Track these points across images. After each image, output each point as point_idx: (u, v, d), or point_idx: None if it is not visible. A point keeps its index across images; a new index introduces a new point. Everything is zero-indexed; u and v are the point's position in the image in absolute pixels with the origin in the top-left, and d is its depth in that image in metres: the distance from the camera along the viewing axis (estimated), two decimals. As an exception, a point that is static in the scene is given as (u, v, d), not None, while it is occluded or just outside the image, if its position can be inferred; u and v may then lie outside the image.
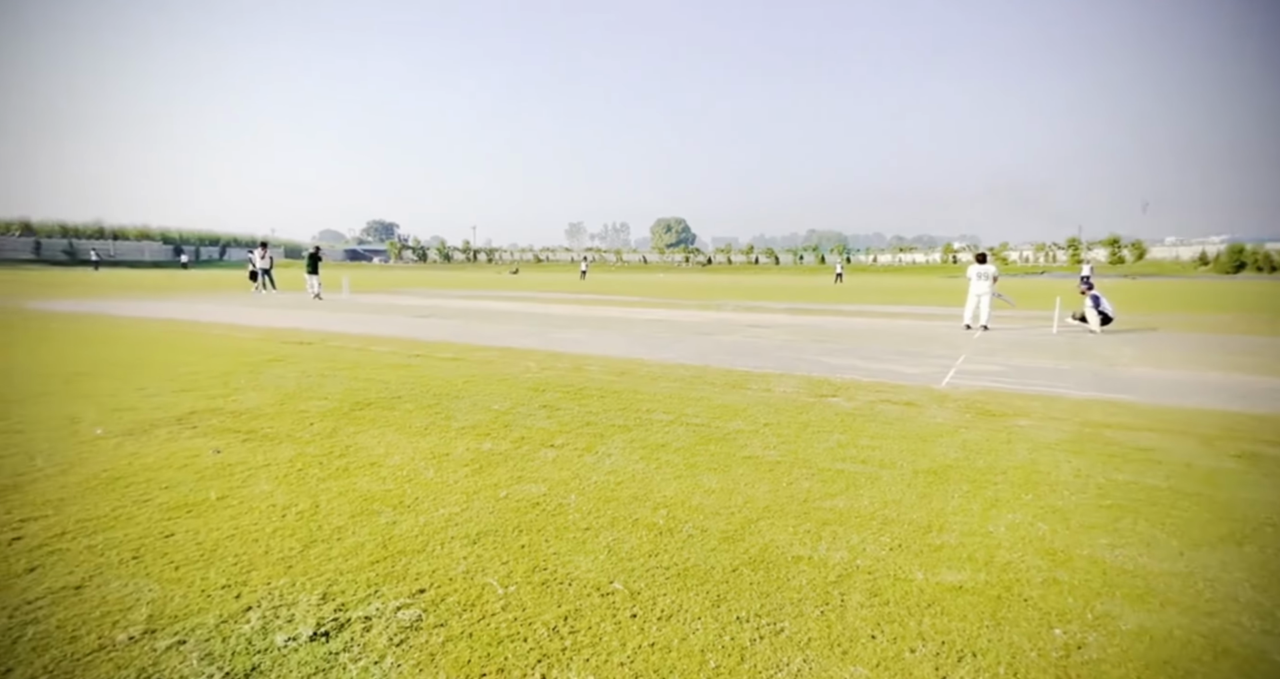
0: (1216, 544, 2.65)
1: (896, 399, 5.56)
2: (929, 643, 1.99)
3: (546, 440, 4.18)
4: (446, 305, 17.13)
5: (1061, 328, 11.65)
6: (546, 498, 3.17)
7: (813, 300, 20.91)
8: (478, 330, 10.93)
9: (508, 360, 7.56)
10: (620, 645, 1.96)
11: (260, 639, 1.94)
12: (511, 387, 5.93)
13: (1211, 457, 3.88)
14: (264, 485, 3.25)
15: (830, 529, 2.85)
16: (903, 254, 79.64)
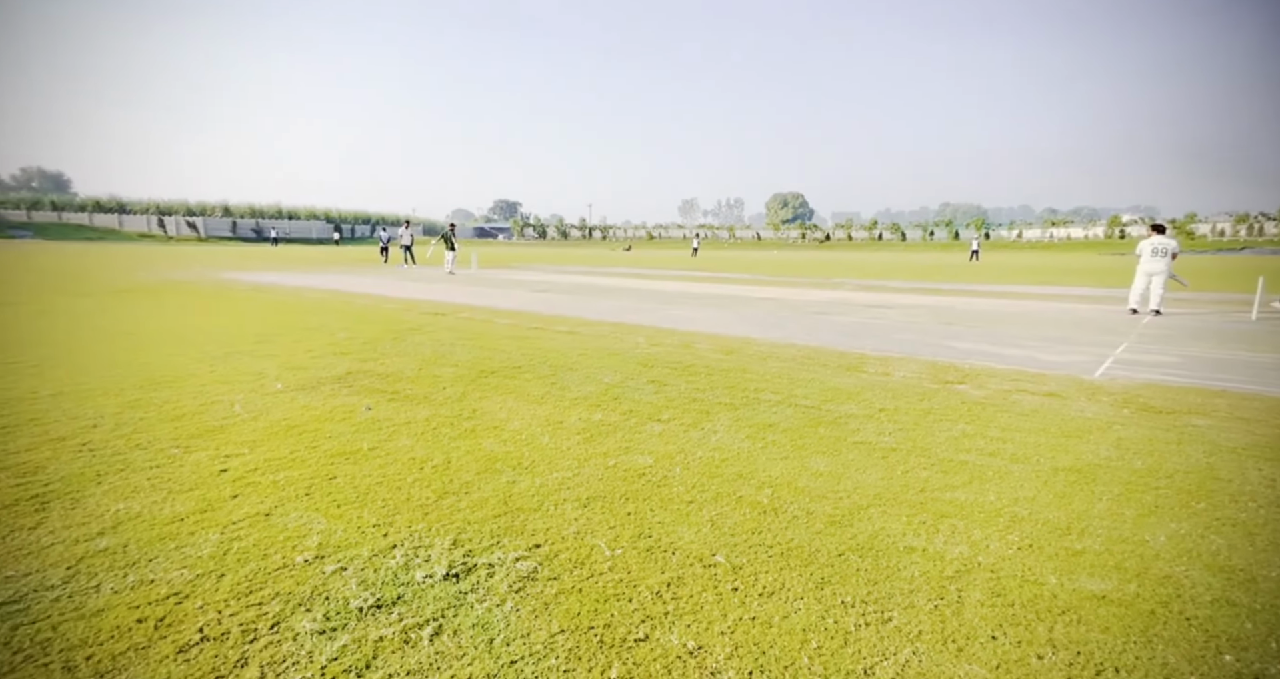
0: None
1: (1036, 389, 5.03)
2: (1060, 651, 1.83)
3: (654, 414, 4.28)
4: (562, 281, 17.89)
5: (1265, 313, 9.82)
6: (653, 469, 3.26)
7: (943, 280, 19.29)
8: (591, 305, 11.32)
9: (618, 335, 7.78)
10: (721, 615, 2.00)
11: (404, 573, 2.21)
12: (622, 361, 6.11)
13: None
14: (405, 440, 3.66)
15: (949, 522, 2.68)
16: (1055, 229, 70.52)
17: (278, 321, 8.72)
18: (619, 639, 1.87)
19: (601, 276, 20.93)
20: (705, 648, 1.83)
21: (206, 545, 2.41)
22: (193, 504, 2.78)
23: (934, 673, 1.74)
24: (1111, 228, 63.04)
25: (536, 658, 1.78)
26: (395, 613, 1.98)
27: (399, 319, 9.04)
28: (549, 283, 17.25)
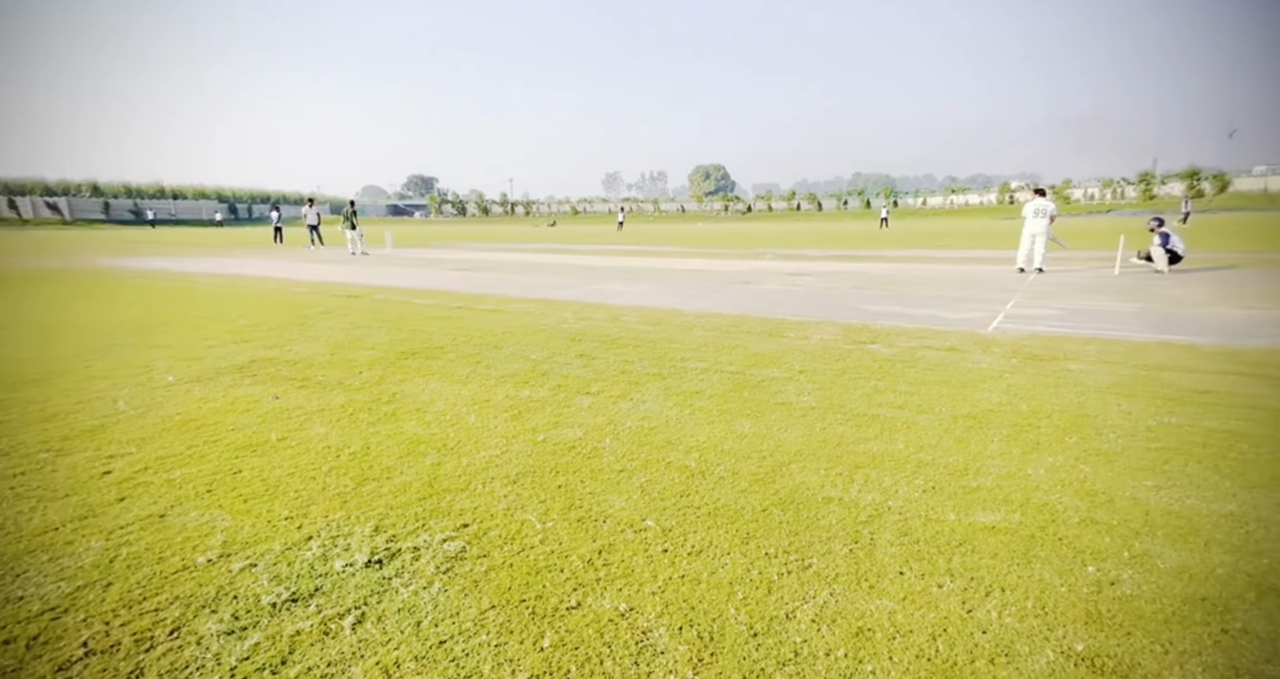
0: (1274, 486, 2.54)
1: (938, 345, 5.41)
2: (957, 579, 2.02)
3: (583, 388, 4.27)
4: (485, 258, 17.34)
5: (1126, 268, 10.98)
6: (582, 442, 3.27)
7: (856, 246, 20.24)
8: (515, 282, 11.05)
9: (545, 311, 7.66)
10: (652, 577, 2.05)
11: (321, 564, 2.11)
12: (549, 337, 6.03)
13: (1276, 396, 3.67)
14: (319, 428, 3.46)
15: (863, 472, 2.86)
16: (955, 196, 75.44)
17: (166, 311, 7.95)
18: (551, 609, 1.87)
19: (526, 253, 20.45)
20: (636, 609, 1.88)
21: (88, 554, 2.19)
22: (70, 511, 2.52)
23: (849, 610, 1.86)
24: (1002, 194, 68.12)
25: (467, 636, 1.76)
26: (313, 605, 1.89)
27: (307, 303, 8.47)
28: (471, 260, 16.68)
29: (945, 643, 1.70)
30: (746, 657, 1.67)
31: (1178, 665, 1.60)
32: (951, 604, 1.88)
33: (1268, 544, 2.13)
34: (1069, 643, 1.69)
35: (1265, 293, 7.96)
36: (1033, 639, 1.71)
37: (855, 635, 1.75)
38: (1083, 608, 1.83)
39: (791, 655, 1.67)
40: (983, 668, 1.61)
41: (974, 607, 1.87)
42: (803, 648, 1.70)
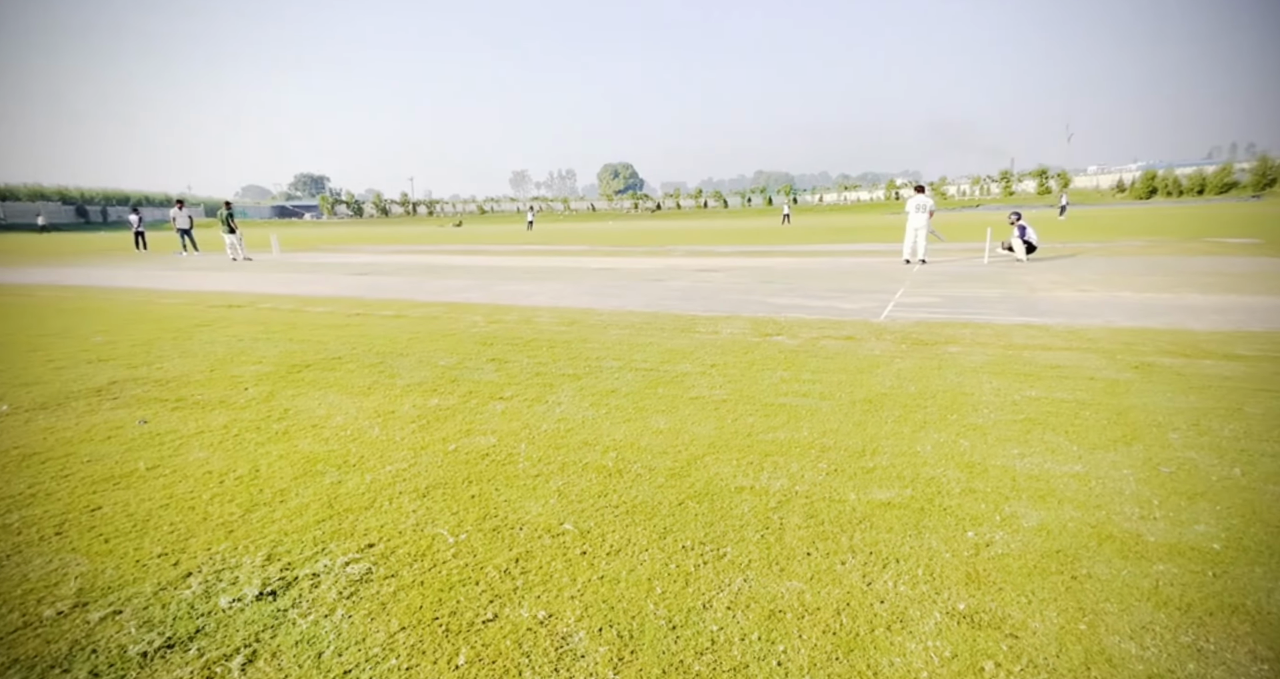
0: (1109, 447, 2.92)
1: (837, 334, 5.75)
2: (858, 555, 2.15)
3: (495, 393, 4.16)
4: (386, 261, 16.44)
5: (992, 258, 12.19)
6: (496, 449, 3.18)
7: (761, 243, 21.09)
8: (420, 286, 10.58)
9: (453, 316, 7.39)
10: (570, 581, 2.03)
11: (203, 603, 1.91)
12: (458, 342, 5.82)
13: (1112, 369, 4.22)
14: (198, 453, 3.14)
15: (772, 460, 2.99)
16: (848, 192, 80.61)
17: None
18: (466, 624, 1.81)
19: (431, 254, 19.62)
20: (556, 615, 1.86)
21: (-94, 623, 1.86)
22: (-121, 574, 2.13)
23: (761, 594, 1.94)
24: (889, 190, 73.59)
25: (374, 661, 1.66)
26: (194, 649, 1.71)
27: (180, 315, 7.66)
28: (371, 264, 15.76)
29: (849, 616, 1.82)
30: (666, 650, 1.70)
31: (1038, 613, 1.79)
32: (853, 579, 2.01)
33: (1105, 498, 2.44)
34: (953, 603, 1.86)
35: (1099, 277, 9.12)
36: (923, 604, 1.86)
37: (768, 618, 1.82)
38: (964, 570, 2.02)
39: (709, 644, 1.71)
40: (881, 636, 1.73)
41: (873, 579, 2.00)
42: (719, 636, 1.75)
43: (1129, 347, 4.84)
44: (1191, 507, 2.34)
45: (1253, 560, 1.99)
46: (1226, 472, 2.61)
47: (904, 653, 1.66)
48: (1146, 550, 2.07)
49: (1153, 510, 2.32)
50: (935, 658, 1.63)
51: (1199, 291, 7.40)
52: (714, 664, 1.64)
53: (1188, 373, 4.07)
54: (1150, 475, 2.62)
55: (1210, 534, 2.15)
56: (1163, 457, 2.80)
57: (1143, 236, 16.82)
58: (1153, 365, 4.29)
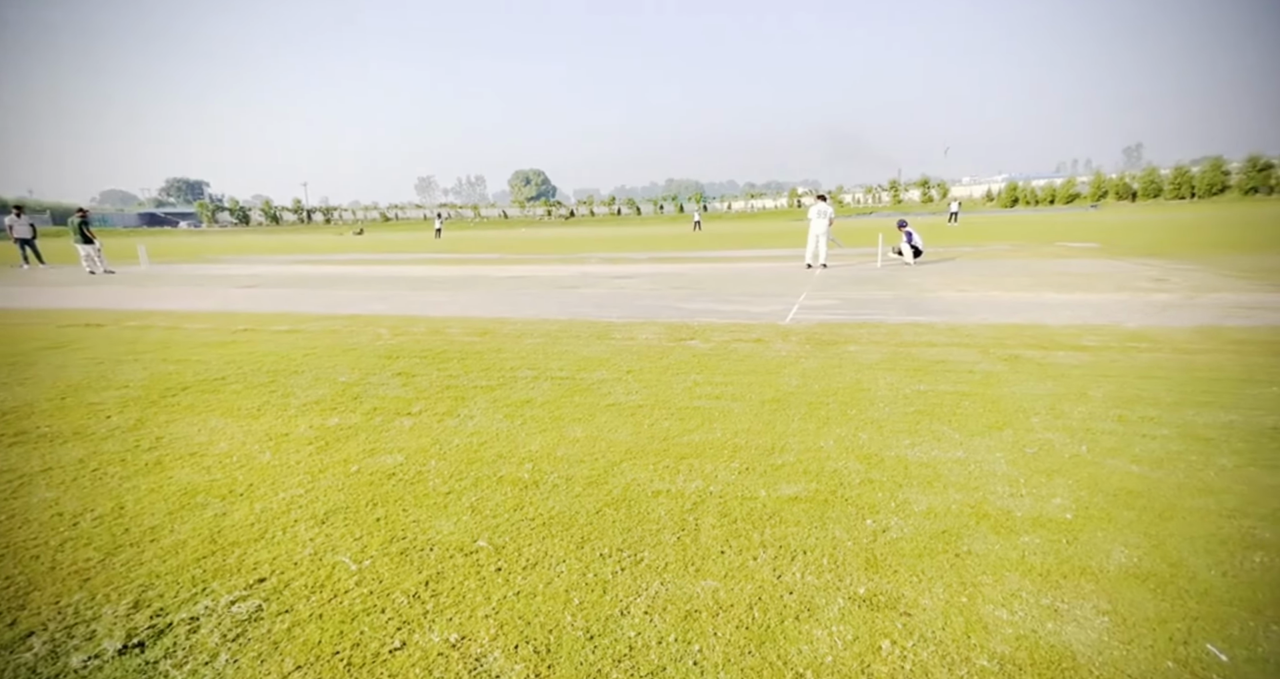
0: (985, 433, 3.23)
1: (747, 337, 5.98)
2: (769, 549, 2.24)
3: (403, 409, 3.97)
4: (278, 272, 15.27)
5: (885, 262, 13.15)
6: (404, 467, 3.03)
7: (674, 249, 21.54)
8: (318, 297, 9.91)
9: (355, 328, 6.98)
10: (485, 599, 1.97)
11: (47, 665, 1.68)
12: (360, 356, 5.50)
13: (987, 362, 4.67)
14: (44, 493, 2.76)
15: (688, 462, 3.05)
16: (754, 200, 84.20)
17: None
18: (371, 655, 1.71)
19: (330, 264, 18.45)
20: (469, 636, 1.79)
21: None
22: None
23: (678, 595, 1.97)
24: (792, 198, 77.64)
25: (267, 710, 1.53)
26: (44, 721, 1.50)
27: (23, 337, 6.72)
28: (260, 275, 14.58)
29: (760, 610, 1.89)
30: (584, 661, 1.68)
31: (927, 590, 1.95)
32: (765, 573, 2.09)
33: (982, 480, 2.70)
34: (854, 588, 1.98)
35: (975, 279, 10.08)
36: (828, 591, 1.97)
37: (684, 618, 1.85)
38: (864, 556, 2.16)
39: (627, 650, 1.72)
40: (790, 625, 1.81)
41: (783, 571, 2.09)
42: (637, 641, 1.76)
43: (1000, 341, 5.38)
44: (1050, 482, 2.63)
45: (1096, 527, 2.27)
46: (1076, 449, 2.97)
47: (811, 640, 1.74)
48: (1015, 525, 2.30)
49: (1020, 488, 2.59)
50: (839, 642, 1.73)
51: (1054, 290, 8.36)
52: (632, 670, 1.65)
53: (1046, 363, 4.58)
54: (1017, 457, 2.92)
55: (1064, 506, 2.43)
56: (1027, 439, 3.13)
57: (1008, 241, 18.77)
58: (1019, 357, 4.80)
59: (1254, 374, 4.08)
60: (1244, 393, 3.69)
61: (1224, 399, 3.60)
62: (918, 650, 1.69)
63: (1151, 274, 9.47)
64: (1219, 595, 1.86)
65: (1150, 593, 1.88)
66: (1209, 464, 2.74)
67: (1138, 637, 1.70)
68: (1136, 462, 2.81)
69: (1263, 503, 2.40)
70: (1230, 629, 1.72)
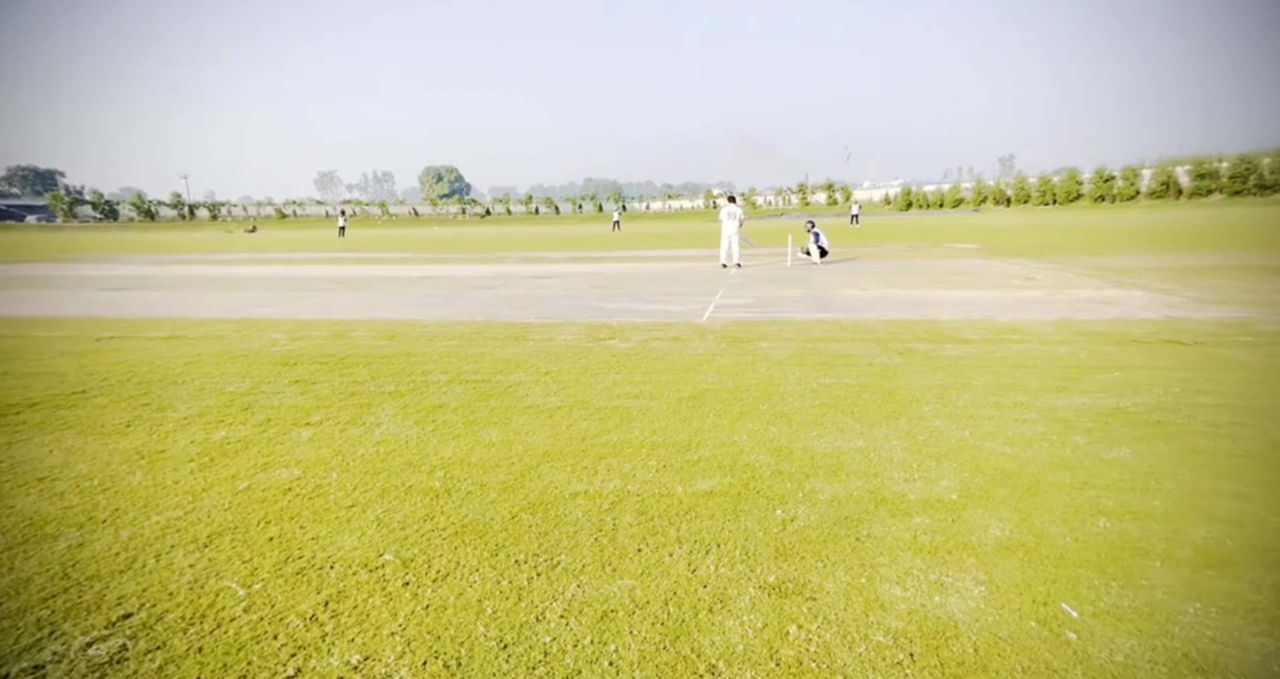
0: (883, 422, 3.46)
1: (665, 336, 6.06)
2: (684, 544, 2.28)
3: (300, 419, 3.70)
4: (154, 273, 13.82)
5: (794, 262, 13.78)
6: (301, 481, 2.82)
7: (593, 248, 21.50)
8: (202, 301, 9.06)
9: (246, 334, 6.43)
10: (391, 616, 1.87)
11: None
12: (252, 363, 5.08)
13: (884, 356, 5.01)
14: None
15: (606, 462, 3.04)
16: (671, 201, 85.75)
17: None
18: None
19: (217, 265, 16.94)
20: (373, 656, 1.69)
21: None
22: None
23: (594, 597, 1.96)
24: (707, 200, 79.74)
25: (135, 761, 1.37)
26: None
27: None
28: (132, 277, 13.13)
29: (675, 605, 1.91)
30: (496, 671, 1.64)
31: (831, 574, 2.06)
32: (680, 569, 2.12)
33: (880, 467, 2.88)
34: (764, 577, 2.05)
35: (875, 278, 10.79)
36: (739, 583, 2.03)
37: (600, 620, 1.85)
38: (774, 546, 2.24)
39: (541, 657, 1.69)
40: (704, 618, 1.85)
41: (697, 566, 2.14)
42: (552, 646, 1.73)
43: (896, 336, 5.78)
44: (938, 466, 2.86)
45: (977, 505, 2.49)
46: (959, 434, 3.24)
47: (724, 631, 1.79)
48: (908, 508, 2.48)
49: (913, 473, 2.80)
50: (750, 631, 1.79)
51: (942, 288, 9.09)
52: (546, 676, 1.62)
53: (935, 356, 4.97)
54: (911, 443, 3.14)
55: (950, 487, 2.64)
56: (920, 427, 3.38)
57: (904, 242, 20.24)
58: (913, 351, 5.17)
59: (1100, 361, 4.63)
60: (1094, 378, 4.18)
61: (1079, 384, 4.06)
62: (821, 632, 1.77)
63: (1022, 273, 10.52)
64: (1072, 559, 2.09)
65: (1019, 562, 2.08)
66: (1066, 443, 3.08)
67: (1008, 602, 1.88)
68: (1010, 443, 3.10)
69: (1105, 475, 2.72)
70: (1080, 588, 1.93)
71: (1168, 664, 1.62)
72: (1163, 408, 3.55)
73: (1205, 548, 2.14)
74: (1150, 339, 5.31)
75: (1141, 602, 1.86)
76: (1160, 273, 9.80)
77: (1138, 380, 4.10)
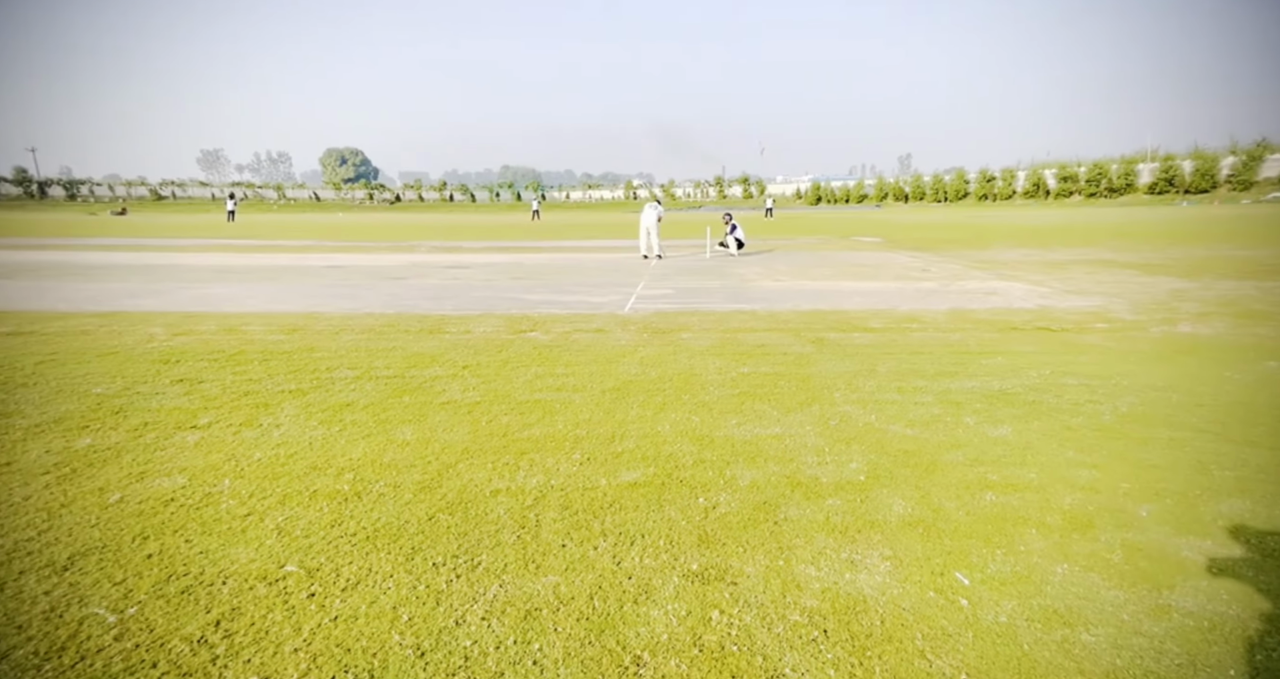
0: (798, 409, 3.62)
1: (588, 327, 6.02)
2: (609, 537, 2.27)
3: (185, 421, 3.36)
4: None
5: (713, 253, 14.10)
6: (186, 491, 2.56)
7: (512, 238, 20.97)
8: (58, 292, 8.01)
9: (117, 328, 5.76)
10: (294, 631, 1.73)
11: None
12: (124, 361, 4.55)
13: (799, 345, 5.23)
14: None
15: (528, 458, 2.98)
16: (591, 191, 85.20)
17: None
18: (139, 727, 1.41)
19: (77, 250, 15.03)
20: (274, 676, 1.56)
21: None
22: None
23: (517, 596, 1.92)
24: (628, 190, 79.93)
25: None
26: None
27: None
28: (-31, 261, 11.38)
29: (600, 599, 1.90)
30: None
31: (751, 558, 2.13)
32: (605, 562, 2.11)
33: (796, 452, 3.01)
34: (688, 565, 2.08)
35: (789, 269, 11.25)
36: (663, 572, 2.05)
37: (524, 619, 1.81)
38: (696, 534, 2.28)
39: (462, 662, 1.63)
40: (629, 610, 1.85)
41: (622, 558, 2.14)
42: (473, 650, 1.67)
43: (809, 325, 6.05)
44: (848, 449, 3.02)
45: (883, 485, 2.66)
46: (867, 418, 3.44)
47: (648, 622, 1.80)
48: (821, 490, 2.60)
49: (825, 457, 2.94)
50: (674, 619, 1.81)
51: (849, 279, 9.62)
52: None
53: (845, 344, 5.26)
54: (824, 429, 3.30)
55: (859, 470, 2.80)
56: (831, 412, 3.56)
57: (815, 235, 21.22)
58: (824, 339, 5.44)
59: (986, 347, 5.07)
60: (980, 363, 4.58)
61: (969, 369, 4.42)
62: (742, 615, 1.83)
63: (919, 265, 11.33)
64: (964, 531, 2.28)
65: (919, 537, 2.24)
66: (958, 423, 3.36)
67: (910, 575, 2.02)
68: (911, 425, 3.33)
69: (991, 451, 2.99)
70: (971, 558, 2.11)
71: (1041, 621, 1.80)
72: (1037, 389, 3.94)
73: (1071, 513, 2.39)
74: (1027, 326, 5.88)
75: (1020, 566, 2.05)
76: (1034, 266, 10.87)
77: (1017, 364, 4.53)
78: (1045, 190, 53.72)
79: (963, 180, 59.93)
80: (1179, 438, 3.11)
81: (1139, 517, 2.35)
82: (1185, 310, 6.52)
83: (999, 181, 57.14)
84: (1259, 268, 9.90)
